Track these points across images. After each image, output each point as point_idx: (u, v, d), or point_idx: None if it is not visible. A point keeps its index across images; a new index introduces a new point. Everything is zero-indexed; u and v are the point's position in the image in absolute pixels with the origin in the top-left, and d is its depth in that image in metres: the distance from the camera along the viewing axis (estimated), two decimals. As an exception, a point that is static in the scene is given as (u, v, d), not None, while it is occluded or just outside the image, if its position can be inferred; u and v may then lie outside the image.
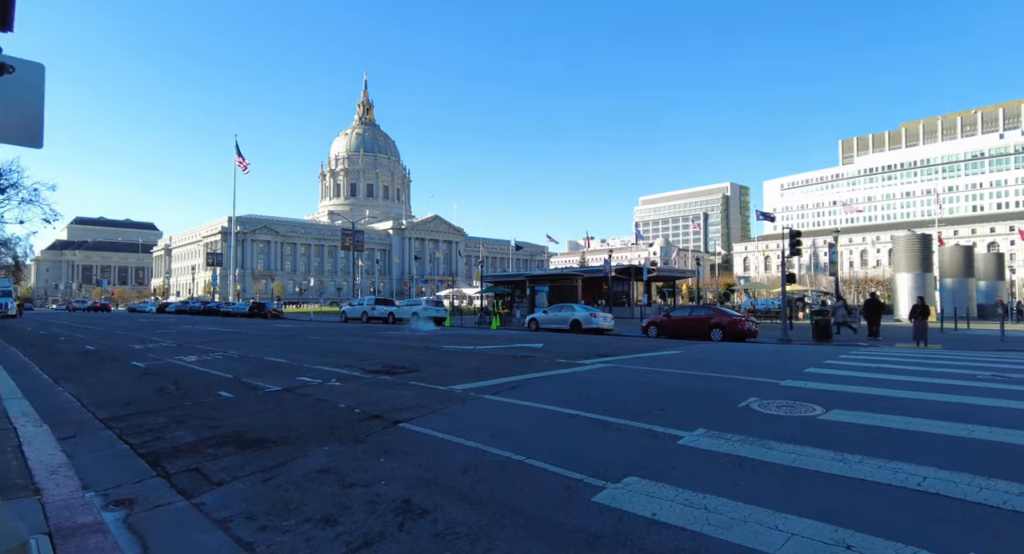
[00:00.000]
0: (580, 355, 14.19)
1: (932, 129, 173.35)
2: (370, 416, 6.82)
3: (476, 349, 16.07)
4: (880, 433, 5.82)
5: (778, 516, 3.65)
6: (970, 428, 5.91)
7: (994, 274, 45.45)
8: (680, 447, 5.38)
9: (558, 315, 27.81)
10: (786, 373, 10.45)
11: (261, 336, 22.32)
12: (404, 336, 22.30)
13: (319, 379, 9.97)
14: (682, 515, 3.71)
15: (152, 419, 6.78)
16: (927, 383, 9.29)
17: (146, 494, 4.17)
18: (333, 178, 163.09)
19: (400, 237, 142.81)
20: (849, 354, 14.92)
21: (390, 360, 13.04)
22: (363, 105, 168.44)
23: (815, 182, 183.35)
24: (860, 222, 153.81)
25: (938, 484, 4.19)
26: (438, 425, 6.29)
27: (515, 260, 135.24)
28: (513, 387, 8.92)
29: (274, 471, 4.74)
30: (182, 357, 13.91)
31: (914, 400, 7.68)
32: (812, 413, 6.78)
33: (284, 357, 13.86)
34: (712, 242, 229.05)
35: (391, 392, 8.52)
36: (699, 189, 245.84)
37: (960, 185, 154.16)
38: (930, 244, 40.51)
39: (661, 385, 9.26)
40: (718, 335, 21.23)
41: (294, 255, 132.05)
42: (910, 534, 3.36)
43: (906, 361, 13.04)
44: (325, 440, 5.72)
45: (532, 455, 5.06)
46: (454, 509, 3.88)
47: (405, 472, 4.67)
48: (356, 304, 40.98)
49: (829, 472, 4.55)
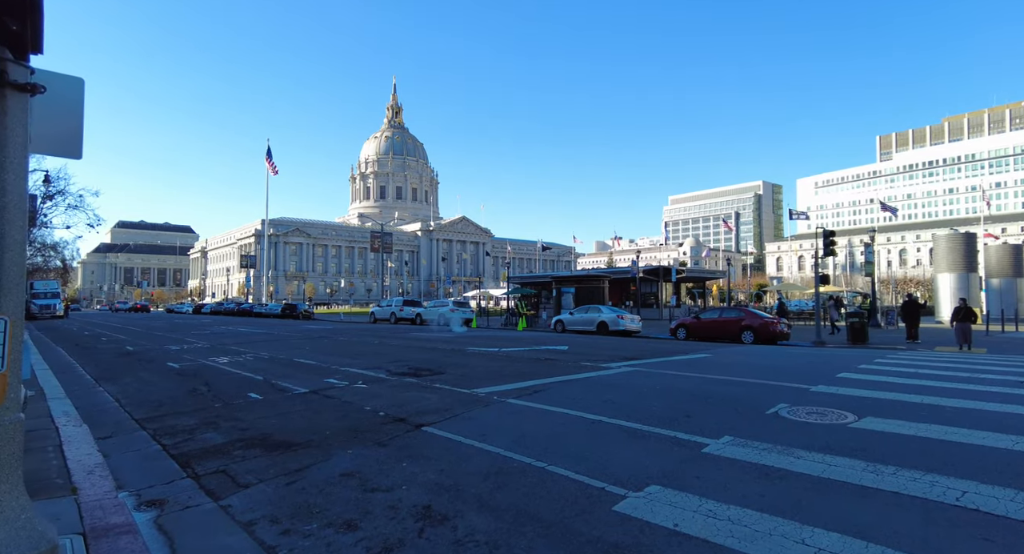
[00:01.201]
0: (605, 358, 14.07)
1: (978, 122, 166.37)
2: (394, 419, 6.88)
3: (501, 351, 16.09)
4: (916, 443, 5.60)
5: (804, 529, 3.55)
6: (1015, 440, 5.64)
7: (1045, 274, 43.36)
8: (705, 455, 5.28)
9: (584, 317, 27.64)
10: (818, 378, 10.17)
11: (291, 337, 22.77)
12: (430, 338, 22.48)
13: (346, 381, 10.11)
14: (705, 526, 3.64)
15: (184, 420, 6.98)
16: (968, 390, 8.92)
17: (176, 495, 4.30)
18: (363, 181, 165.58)
19: (428, 238, 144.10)
20: (886, 358, 14.43)
21: (416, 362, 13.15)
22: (392, 108, 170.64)
23: (851, 180, 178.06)
24: (900, 220, 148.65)
25: (978, 499, 4.01)
26: (460, 429, 6.31)
27: (542, 261, 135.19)
28: (536, 391, 8.89)
29: (299, 474, 4.82)
30: (215, 358, 14.29)
31: (954, 408, 7.37)
32: (844, 421, 6.57)
33: (313, 359, 14.11)
34: (744, 242, 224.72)
35: (415, 395, 8.59)
36: (730, 188, 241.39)
37: (1009, 181, 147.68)
38: (975, 243, 38.91)
39: (687, 390, 9.11)
40: (749, 338, 20.80)
41: (325, 257, 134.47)
42: (945, 553, 3.23)
43: (947, 366, 12.55)
44: (349, 443, 5.80)
45: (553, 462, 5.04)
46: (474, 516, 3.88)
47: (427, 477, 4.70)
48: (385, 305, 41.48)
49: (860, 484, 4.40)
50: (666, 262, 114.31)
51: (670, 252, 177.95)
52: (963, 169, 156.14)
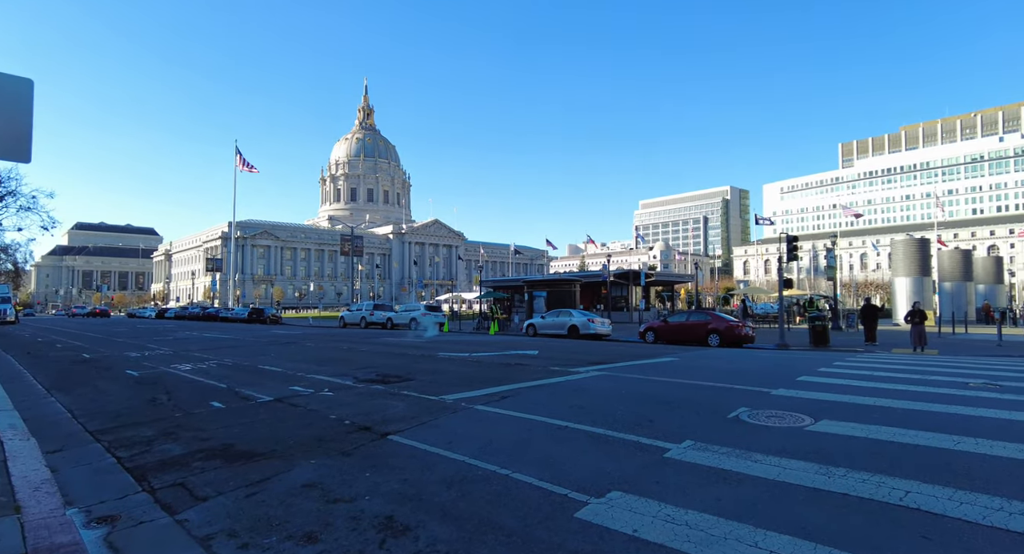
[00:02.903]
0: (575, 362, 14.19)
1: (932, 132, 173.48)
2: (359, 428, 6.83)
3: (472, 356, 16.08)
4: (867, 445, 5.82)
5: (758, 533, 3.66)
6: (956, 439, 5.91)
7: (993, 278, 45.44)
8: (666, 460, 5.39)
9: (556, 320, 27.82)
10: (779, 381, 10.45)
11: (258, 343, 22.33)
12: (401, 342, 22.31)
13: (312, 388, 9.97)
14: (663, 532, 3.71)
15: (142, 431, 6.79)
16: (919, 392, 9.29)
17: (129, 510, 4.18)
18: (333, 183, 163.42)
19: (400, 241, 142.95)
20: (844, 361, 14.91)
21: (384, 368, 13.05)
22: (364, 110, 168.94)
23: (815, 185, 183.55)
24: (860, 225, 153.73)
25: (919, 499, 4.20)
26: (427, 437, 6.29)
27: (514, 264, 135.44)
28: (505, 397, 8.92)
29: (260, 485, 4.75)
30: (177, 365, 13.92)
31: (904, 410, 7.68)
32: (801, 424, 6.78)
33: (279, 365, 13.87)
34: (712, 246, 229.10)
35: (382, 402, 8.53)
36: (699, 193, 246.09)
37: (960, 188, 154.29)
38: (928, 248, 40.55)
39: (652, 395, 9.26)
40: (715, 341, 21.23)
41: (294, 260, 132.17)
42: (887, 551, 3.37)
43: (900, 368, 13.04)
44: (312, 453, 5.73)
45: (518, 469, 5.07)
46: (436, 526, 3.88)
47: (390, 487, 4.68)
48: (355, 309, 41.04)
49: (813, 486, 4.56)
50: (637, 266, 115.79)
51: (641, 256, 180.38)
52: (918, 176, 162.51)
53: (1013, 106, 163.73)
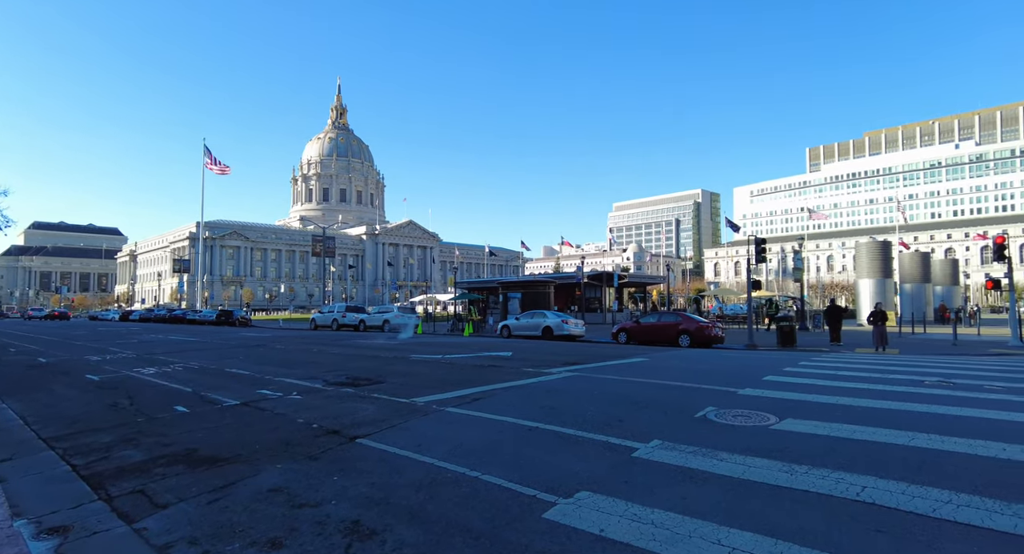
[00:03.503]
0: (548, 364, 14.25)
1: (893, 138, 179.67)
2: (328, 431, 6.74)
3: (445, 358, 16.01)
4: (829, 442, 5.98)
5: (721, 530, 3.73)
6: (911, 435, 6.12)
7: (949, 279, 47.17)
8: (634, 460, 5.45)
9: (530, 322, 27.89)
10: (746, 381, 10.66)
11: (226, 346, 21.85)
12: (372, 345, 22.08)
13: (280, 392, 9.81)
14: (629, 531, 3.76)
15: (100, 437, 6.58)
16: (878, 390, 9.59)
17: (83, 520, 4.04)
18: (305, 183, 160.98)
19: (373, 243, 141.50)
20: (810, 361, 15.30)
21: (355, 371, 12.90)
22: (336, 110, 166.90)
23: (783, 189, 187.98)
24: (827, 228, 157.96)
25: (875, 494, 4.34)
26: (396, 440, 6.24)
27: (489, 266, 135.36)
28: (477, 399, 8.91)
29: (224, 491, 4.65)
30: (140, 369, 13.53)
31: (863, 408, 7.92)
32: (766, 423, 6.93)
33: (247, 368, 13.60)
34: (684, 248, 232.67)
35: (352, 405, 8.43)
36: (672, 195, 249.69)
37: (919, 193, 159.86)
38: (890, 250, 41.86)
39: (623, 395, 9.36)
40: (686, 341, 21.55)
41: (264, 261, 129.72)
42: (843, 546, 3.48)
43: (862, 368, 13.43)
44: (279, 457, 5.64)
45: (488, 471, 5.07)
46: (403, 529, 3.86)
47: (357, 491, 4.63)
48: (326, 311, 40.49)
49: (775, 484, 4.66)
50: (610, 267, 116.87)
51: (614, 257, 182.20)
52: (881, 181, 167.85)
53: (967, 115, 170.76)
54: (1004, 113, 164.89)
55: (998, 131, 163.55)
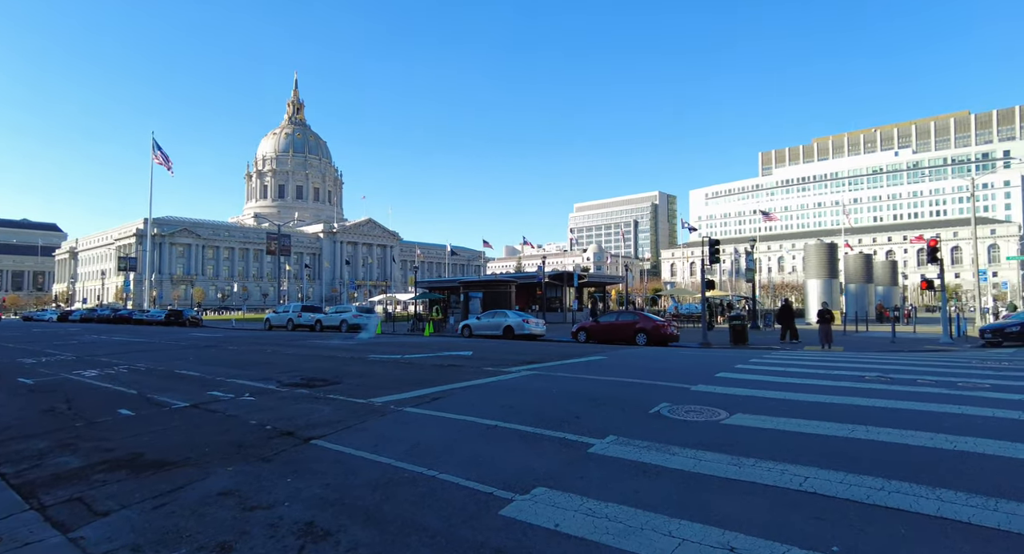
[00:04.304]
0: (508, 363, 14.30)
1: (840, 145, 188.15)
2: (282, 433, 6.59)
3: (404, 358, 15.85)
4: (775, 436, 6.23)
5: (672, 522, 3.84)
6: (851, 428, 6.44)
7: (889, 280, 49.66)
8: (590, 455, 5.54)
9: (491, 321, 27.92)
10: (699, 378, 10.97)
11: (175, 346, 21.04)
12: (329, 345, 21.67)
13: (232, 393, 9.52)
14: (583, 525, 3.82)
15: (34, 444, 6.24)
16: (823, 385, 10.03)
17: (13, 531, 3.83)
18: (260, 179, 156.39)
19: (331, 241, 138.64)
20: (760, 358, 15.85)
21: (311, 371, 12.64)
22: (293, 105, 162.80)
23: (737, 192, 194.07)
24: (778, 230, 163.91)
25: (816, 484, 4.55)
26: (353, 441, 6.16)
27: (451, 265, 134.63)
28: (436, 398, 8.87)
29: (170, 496, 4.49)
30: (80, 372, 12.88)
31: (809, 402, 8.27)
32: (717, 418, 7.16)
33: (198, 370, 13.14)
34: (642, 248, 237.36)
35: (307, 407, 8.26)
36: (631, 197, 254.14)
37: (863, 197, 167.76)
38: (836, 252, 43.79)
39: (581, 392, 9.49)
40: (643, 340, 21.99)
41: (216, 259, 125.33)
42: (786, 533, 3.63)
43: (808, 364, 14.01)
44: (231, 460, 5.48)
45: (445, 470, 5.06)
46: (358, 530, 3.82)
47: (312, 492, 4.55)
48: (281, 311, 39.56)
49: (724, 476, 4.83)
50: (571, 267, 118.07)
51: (575, 257, 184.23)
52: (828, 185, 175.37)
53: (906, 124, 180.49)
54: (937, 124, 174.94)
55: (932, 140, 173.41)
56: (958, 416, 7.16)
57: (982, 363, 14.17)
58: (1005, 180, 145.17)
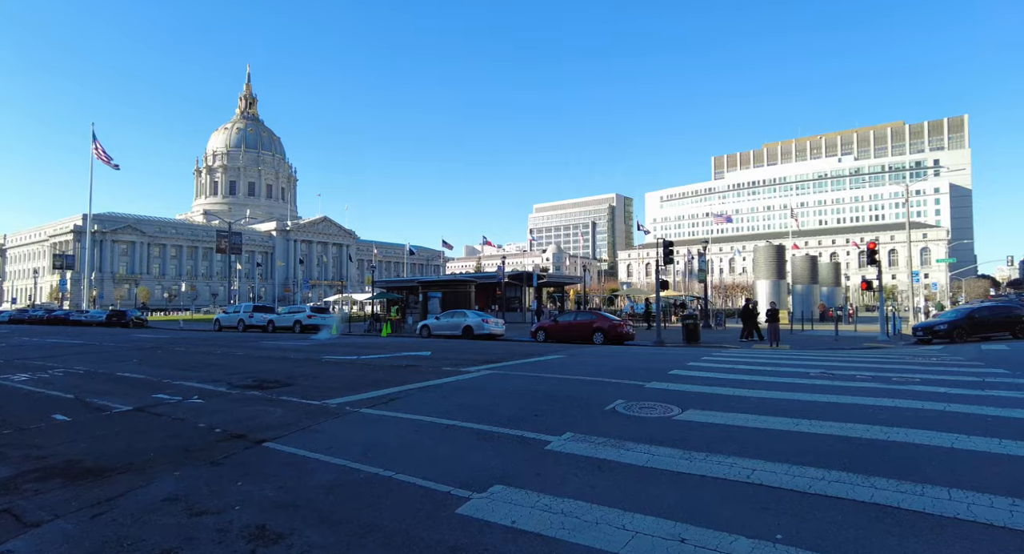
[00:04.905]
0: (467, 362, 14.28)
1: (788, 151, 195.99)
2: (232, 436, 6.40)
3: (360, 359, 15.61)
4: (725, 430, 6.44)
5: (626, 516, 3.93)
6: (795, 422, 6.73)
7: (833, 280, 51.95)
8: (547, 453, 5.61)
9: (450, 321, 27.80)
10: (653, 375, 11.23)
11: (118, 348, 20.07)
12: (282, 346, 21.12)
13: (179, 396, 9.17)
14: (540, 521, 3.87)
15: (-41, 452, 5.86)
16: (770, 381, 10.44)
17: (-63, 544, 3.61)
18: (210, 175, 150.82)
19: (285, 239, 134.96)
20: (712, 356, 16.35)
21: (263, 373, 12.29)
22: (246, 99, 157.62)
23: (690, 195, 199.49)
24: (729, 233, 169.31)
25: (763, 475, 4.74)
26: (306, 443, 6.04)
27: (410, 265, 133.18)
28: (393, 399, 8.78)
29: (110, 504, 4.30)
30: (9, 375, 12.14)
31: (757, 398, 8.59)
32: (670, 414, 7.35)
33: (142, 372, 12.59)
34: (600, 249, 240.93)
35: (259, 408, 8.04)
36: (589, 199, 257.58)
37: (809, 201, 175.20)
38: (784, 254, 45.47)
39: (539, 391, 9.57)
40: (600, 339, 22.34)
41: (163, 258, 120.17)
42: (734, 523, 3.77)
43: (757, 362, 14.54)
44: (177, 465, 5.29)
45: (402, 470, 5.03)
46: (312, 532, 3.75)
47: (263, 495, 4.45)
48: (232, 312, 38.35)
49: (676, 470, 4.97)
50: (531, 267, 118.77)
51: (535, 258, 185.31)
52: (777, 189, 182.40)
53: (848, 132, 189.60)
54: (876, 133, 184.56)
55: (872, 148, 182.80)
56: (892, 409, 7.58)
57: (914, 359, 15.03)
58: (935, 187, 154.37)
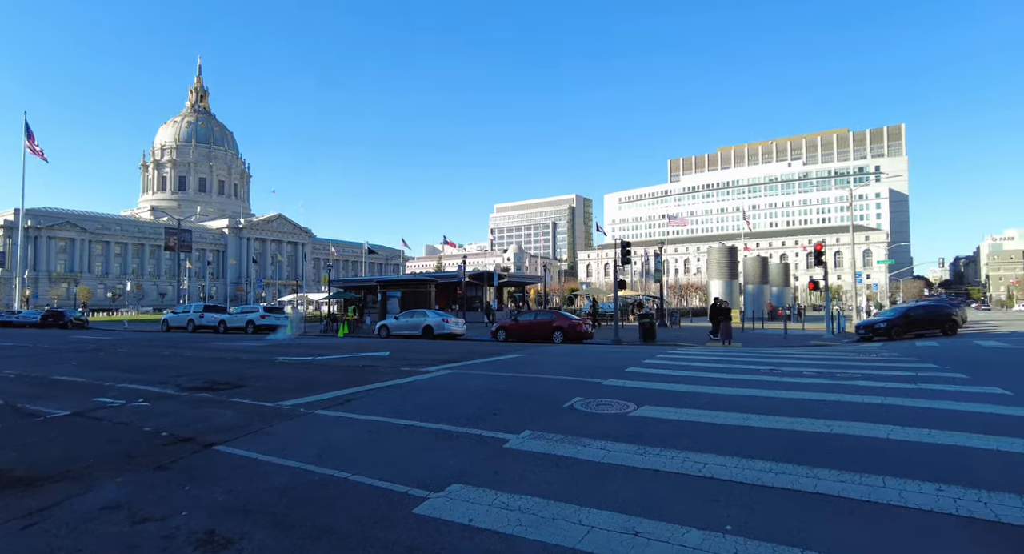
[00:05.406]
0: (427, 362, 14.17)
1: (741, 155, 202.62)
2: (179, 439, 6.16)
3: (315, 360, 15.28)
4: (679, 426, 6.61)
5: (582, 511, 3.99)
6: (745, 417, 6.97)
7: (782, 281, 54.00)
8: (505, 450, 5.63)
9: (410, 321, 27.53)
10: (611, 373, 11.42)
11: (55, 350, 19.03)
12: (234, 347, 20.47)
13: (123, 399, 8.76)
14: (497, 518, 3.89)
15: None
16: (722, 378, 10.76)
17: None
18: (158, 170, 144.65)
19: (237, 237, 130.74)
20: (667, 354, 16.74)
21: (214, 375, 11.89)
22: (197, 92, 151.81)
23: (647, 197, 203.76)
24: (684, 234, 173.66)
25: (714, 469, 4.89)
26: (259, 445, 5.88)
27: (368, 264, 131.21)
28: (349, 400, 8.63)
29: (43, 514, 4.08)
30: (-66, 380, 11.36)
31: (710, 394, 8.85)
32: (626, 410, 7.50)
33: (82, 375, 11.98)
34: (560, 249, 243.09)
35: (209, 411, 7.78)
36: (550, 199, 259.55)
37: (761, 204, 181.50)
38: (736, 255, 46.94)
39: (499, 390, 9.60)
40: (559, 338, 22.54)
41: (106, 256, 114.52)
42: (685, 516, 3.88)
43: (710, 359, 14.96)
44: (119, 471, 5.06)
45: (358, 471, 4.95)
46: (264, 536, 3.66)
47: (213, 500, 4.31)
48: (181, 312, 36.92)
49: (631, 465, 5.07)
50: (491, 267, 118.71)
51: (496, 257, 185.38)
52: (730, 192, 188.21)
53: (797, 138, 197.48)
54: (823, 139, 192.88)
55: (819, 154, 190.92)
56: (835, 403, 7.95)
57: (856, 356, 15.78)
58: (876, 192, 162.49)
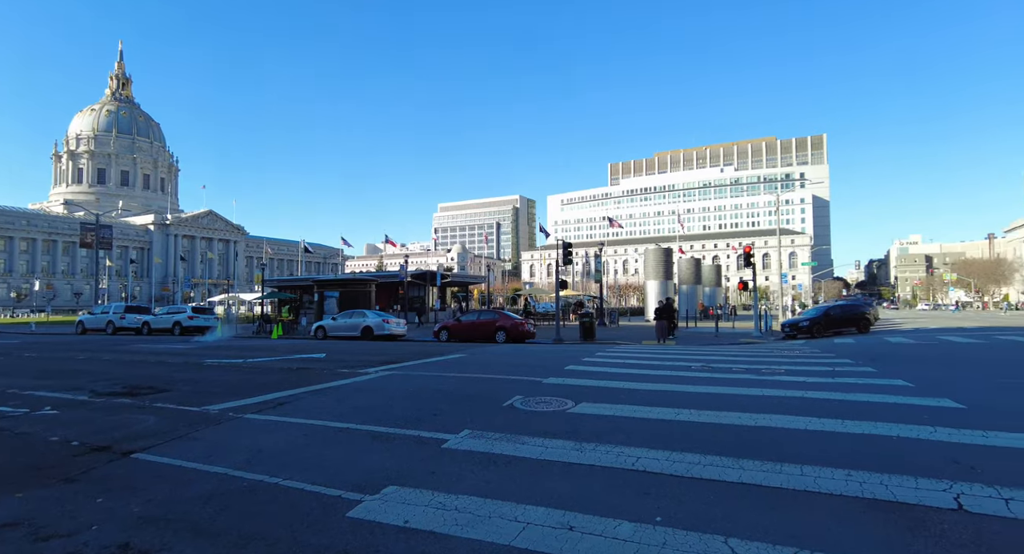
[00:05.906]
0: (365, 364, 13.88)
1: (677, 160, 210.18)
2: (92, 449, 5.76)
3: (247, 362, 14.65)
4: (614, 422, 6.79)
5: (519, 508, 4.02)
6: (677, 411, 7.24)
7: (715, 281, 56.42)
8: (444, 451, 5.60)
9: (348, 322, 26.86)
10: (551, 371, 11.58)
11: (-52, 356, 17.33)
12: (158, 350, 19.34)
13: (26, 407, 8.10)
14: (433, 519, 3.86)
15: None
16: (656, 375, 11.13)
17: None
18: (74, 161, 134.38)
19: (163, 234, 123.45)
20: (605, 352, 17.13)
21: (135, 379, 11.18)
22: (118, 78, 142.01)
23: (589, 199, 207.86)
24: (623, 236, 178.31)
25: (646, 462, 5.05)
26: (182, 452, 5.58)
27: (305, 263, 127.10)
28: (282, 403, 8.34)
29: (-69, 535, 3.71)
30: None
31: (645, 390, 9.13)
32: (564, 407, 7.62)
33: (-21, 382, 10.97)
34: (504, 250, 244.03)
35: (128, 417, 7.31)
36: (494, 199, 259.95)
37: (695, 208, 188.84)
38: (671, 256, 48.60)
39: (439, 390, 9.53)
40: (502, 337, 22.63)
41: (10, 252, 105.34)
42: (619, 509, 3.99)
43: (646, 357, 15.43)
44: (20, 485, 4.67)
45: (290, 476, 4.80)
46: (186, 546, 3.48)
47: (128, 511, 4.05)
48: (99, 313, 34.47)
49: (568, 461, 5.16)
50: (435, 267, 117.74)
51: (439, 257, 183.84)
52: (667, 196, 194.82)
53: (729, 145, 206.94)
54: (753, 146, 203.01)
55: (749, 160, 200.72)
56: (760, 397, 8.38)
57: (781, 353, 16.70)
58: (801, 197, 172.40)
